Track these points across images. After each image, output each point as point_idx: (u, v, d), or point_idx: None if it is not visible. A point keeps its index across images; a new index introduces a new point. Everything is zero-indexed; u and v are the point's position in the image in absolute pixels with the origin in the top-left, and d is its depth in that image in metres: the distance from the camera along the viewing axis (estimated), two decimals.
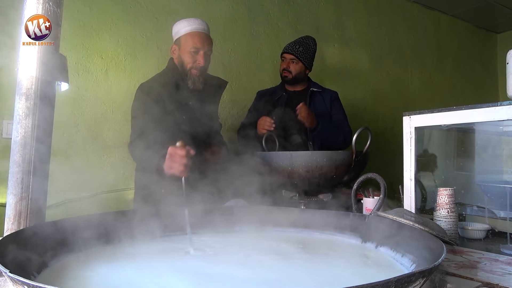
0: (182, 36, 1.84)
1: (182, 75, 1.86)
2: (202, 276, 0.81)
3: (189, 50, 1.82)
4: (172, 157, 1.42)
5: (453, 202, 1.28)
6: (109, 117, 2.26)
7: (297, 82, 2.41)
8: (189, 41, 1.82)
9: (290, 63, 2.36)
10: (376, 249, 1.02)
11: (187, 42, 1.82)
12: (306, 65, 2.37)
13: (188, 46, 1.82)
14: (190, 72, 1.83)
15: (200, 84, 1.85)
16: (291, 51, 2.36)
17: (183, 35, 1.84)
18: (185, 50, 1.83)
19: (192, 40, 1.82)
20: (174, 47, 1.89)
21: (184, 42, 1.83)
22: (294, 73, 2.36)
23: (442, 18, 4.19)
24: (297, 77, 2.38)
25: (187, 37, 1.83)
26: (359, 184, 1.27)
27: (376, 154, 2.99)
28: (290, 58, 2.36)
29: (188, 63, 1.83)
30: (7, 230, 0.91)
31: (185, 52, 1.83)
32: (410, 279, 0.58)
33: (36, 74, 0.94)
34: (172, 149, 1.41)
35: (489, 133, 1.57)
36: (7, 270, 0.57)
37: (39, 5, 0.95)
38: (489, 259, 1.06)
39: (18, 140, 0.93)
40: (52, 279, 0.78)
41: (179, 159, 1.38)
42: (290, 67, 2.36)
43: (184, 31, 1.84)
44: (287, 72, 2.37)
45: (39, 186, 0.94)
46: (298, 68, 2.36)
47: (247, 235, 1.20)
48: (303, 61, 2.35)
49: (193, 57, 1.83)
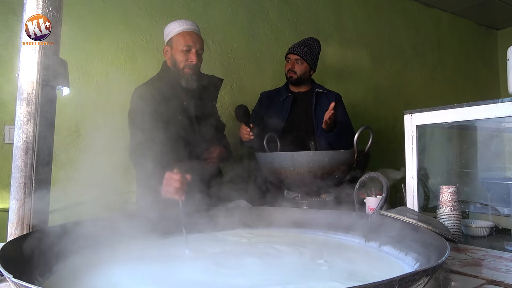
0: (173, 37, 1.87)
1: (176, 76, 1.87)
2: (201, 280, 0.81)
3: (181, 49, 1.84)
4: (168, 181, 1.46)
5: (456, 199, 1.27)
6: (110, 121, 2.26)
7: (302, 83, 2.41)
8: (180, 40, 1.85)
9: (295, 63, 2.37)
10: (379, 248, 1.02)
11: (178, 42, 1.85)
12: (311, 65, 2.38)
13: (180, 45, 1.84)
14: (183, 71, 1.85)
15: (194, 82, 1.86)
16: (296, 52, 2.37)
17: (174, 35, 1.86)
18: (177, 50, 1.85)
19: (183, 39, 1.84)
20: (166, 48, 1.91)
21: (176, 42, 1.86)
22: (299, 73, 2.37)
23: (442, 16, 4.19)
24: (302, 78, 2.38)
25: (179, 36, 1.85)
26: (361, 183, 1.26)
27: (378, 153, 2.98)
28: (295, 58, 2.37)
29: (180, 62, 1.85)
30: (10, 235, 0.91)
31: (177, 52, 1.85)
32: (413, 278, 0.58)
33: (36, 79, 0.94)
34: (169, 174, 1.46)
35: (491, 130, 1.56)
36: (10, 275, 0.57)
37: (39, 9, 0.95)
38: (493, 257, 1.06)
39: (19, 145, 0.93)
40: (56, 283, 0.78)
41: (174, 183, 1.43)
42: (295, 67, 2.37)
43: (175, 32, 1.86)
44: (292, 72, 2.38)
45: (41, 190, 0.94)
46: (303, 68, 2.37)
47: (250, 235, 1.20)
48: (307, 61, 2.36)
49: (185, 56, 1.84)
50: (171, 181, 1.44)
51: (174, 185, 1.43)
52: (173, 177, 1.44)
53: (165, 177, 1.47)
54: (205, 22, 2.60)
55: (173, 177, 1.44)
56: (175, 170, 1.44)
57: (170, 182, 1.45)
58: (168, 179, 1.46)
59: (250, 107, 2.52)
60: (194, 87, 1.87)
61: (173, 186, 1.43)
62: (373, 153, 1.74)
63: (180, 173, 1.44)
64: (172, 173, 1.45)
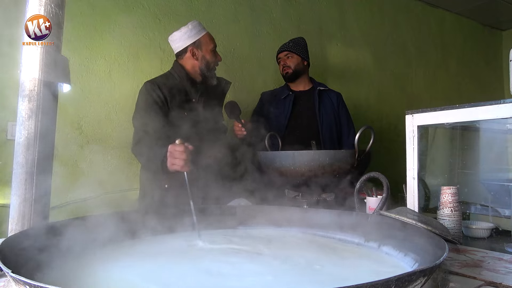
0: (201, 38, 1.95)
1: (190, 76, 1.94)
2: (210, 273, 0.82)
3: (211, 49, 1.96)
4: (172, 154, 1.47)
5: (456, 200, 1.27)
6: (112, 118, 2.27)
7: (299, 76, 2.42)
8: (209, 41, 1.97)
9: (286, 59, 2.41)
10: (378, 248, 1.02)
11: (207, 43, 1.96)
12: (302, 56, 2.40)
13: (210, 46, 1.96)
14: (213, 70, 1.98)
15: (214, 80, 1.99)
16: (283, 49, 2.43)
17: (201, 36, 1.95)
18: (208, 50, 1.95)
19: (211, 40, 1.98)
20: (194, 50, 1.94)
21: (205, 43, 1.96)
22: (293, 66, 2.39)
23: (446, 16, 4.17)
24: (297, 70, 2.39)
25: (206, 37, 1.96)
26: (362, 183, 1.26)
27: (381, 153, 2.98)
28: (284, 54, 2.41)
29: (212, 61, 1.96)
30: (11, 230, 0.92)
31: (207, 52, 1.95)
32: (410, 278, 0.58)
33: (38, 76, 0.94)
34: (172, 147, 1.47)
35: (493, 131, 1.56)
36: (9, 270, 0.58)
37: (41, 7, 0.96)
38: (493, 258, 1.05)
39: (21, 142, 0.94)
40: (55, 279, 0.78)
41: (179, 155, 1.44)
42: (287, 62, 2.40)
43: (201, 34, 1.95)
44: (287, 67, 2.40)
45: (42, 187, 0.95)
46: (295, 60, 2.39)
47: (250, 234, 1.20)
48: (297, 52, 2.39)
49: (214, 55, 1.97)
50: (176, 153, 1.45)
51: (179, 157, 1.43)
52: (176, 149, 1.44)
53: (169, 150, 1.48)
54: (208, 20, 2.59)
55: (176, 149, 1.44)
56: (178, 141, 1.44)
57: (175, 154, 1.45)
58: (172, 151, 1.47)
59: (252, 105, 2.52)
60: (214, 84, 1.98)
61: (178, 158, 1.43)
62: (375, 153, 1.74)
63: (182, 144, 1.43)
64: (174, 145, 1.45)
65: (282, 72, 2.43)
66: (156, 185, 1.72)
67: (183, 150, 1.43)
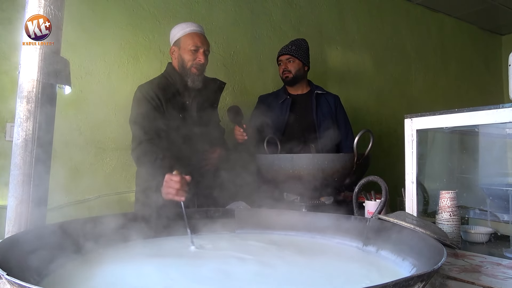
0: (182, 37, 1.90)
1: (182, 76, 1.89)
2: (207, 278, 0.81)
3: (189, 48, 1.87)
4: (168, 183, 1.49)
5: (455, 205, 1.27)
6: (111, 120, 2.26)
7: (299, 81, 2.41)
8: (188, 40, 1.88)
9: (287, 63, 2.39)
10: (377, 253, 1.02)
11: (187, 42, 1.89)
12: (303, 61, 2.39)
13: (188, 45, 1.88)
14: (190, 70, 1.88)
15: (199, 83, 1.89)
16: (285, 52, 2.39)
17: (182, 36, 1.90)
18: (186, 49, 1.88)
19: (192, 40, 1.88)
20: (173, 48, 1.94)
21: (184, 42, 1.89)
22: (294, 71, 2.37)
23: (446, 20, 4.18)
24: (297, 75, 2.38)
25: (187, 37, 1.89)
26: (361, 187, 1.26)
27: (380, 156, 2.98)
28: (286, 58, 2.39)
29: (188, 61, 1.88)
30: (8, 232, 0.91)
31: (185, 51, 1.88)
32: (408, 283, 0.58)
33: (37, 77, 0.94)
34: (168, 176, 1.49)
35: (492, 136, 1.55)
36: (4, 273, 0.57)
37: (40, 8, 0.95)
38: (492, 263, 1.05)
39: (19, 143, 0.93)
40: (52, 282, 0.78)
41: (174, 185, 1.46)
42: (288, 66, 2.38)
43: (183, 32, 1.90)
44: (287, 72, 2.38)
45: (40, 188, 0.95)
46: (296, 65, 2.38)
47: (248, 237, 1.20)
48: (299, 57, 2.37)
49: (193, 55, 1.88)
50: (171, 183, 1.47)
51: (174, 187, 1.45)
52: (173, 179, 1.47)
53: (165, 179, 1.50)
54: (208, 23, 2.60)
55: (173, 179, 1.47)
56: (175, 172, 1.48)
57: (170, 184, 1.47)
58: (168, 181, 1.49)
59: (252, 108, 2.52)
60: (200, 87, 1.90)
61: (173, 188, 1.46)
62: (374, 157, 1.73)
63: (179, 175, 1.47)
64: (171, 175, 1.48)
65: (281, 75, 2.43)
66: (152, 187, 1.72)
67: (179, 180, 1.45)
